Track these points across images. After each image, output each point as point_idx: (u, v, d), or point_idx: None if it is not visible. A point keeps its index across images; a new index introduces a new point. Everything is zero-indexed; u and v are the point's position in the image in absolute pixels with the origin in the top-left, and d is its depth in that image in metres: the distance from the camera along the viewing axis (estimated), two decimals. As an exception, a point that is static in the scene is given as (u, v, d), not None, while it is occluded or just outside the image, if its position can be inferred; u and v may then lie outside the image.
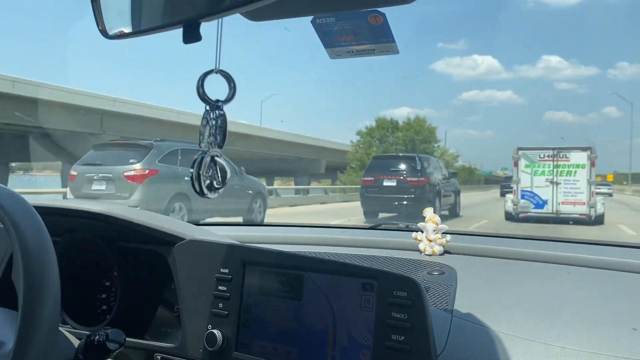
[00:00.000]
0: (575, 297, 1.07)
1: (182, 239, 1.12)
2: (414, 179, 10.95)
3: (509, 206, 12.62)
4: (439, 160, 13.61)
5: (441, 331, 0.90)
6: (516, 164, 12.84)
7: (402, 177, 11.10)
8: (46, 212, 0.92)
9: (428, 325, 0.82)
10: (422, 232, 1.39)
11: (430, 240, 1.35)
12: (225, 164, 0.70)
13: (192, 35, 0.63)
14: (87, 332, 1.24)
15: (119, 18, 0.71)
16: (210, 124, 0.71)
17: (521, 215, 12.52)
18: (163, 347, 1.11)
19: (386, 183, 10.91)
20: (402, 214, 10.22)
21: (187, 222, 1.32)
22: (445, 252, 1.36)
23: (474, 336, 0.91)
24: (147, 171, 8.75)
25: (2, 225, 1.24)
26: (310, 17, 0.87)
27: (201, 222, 1.72)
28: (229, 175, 0.72)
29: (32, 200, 1.16)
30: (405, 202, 10.80)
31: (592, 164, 12.27)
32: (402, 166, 11.43)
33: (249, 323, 1.00)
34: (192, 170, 0.69)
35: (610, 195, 19.58)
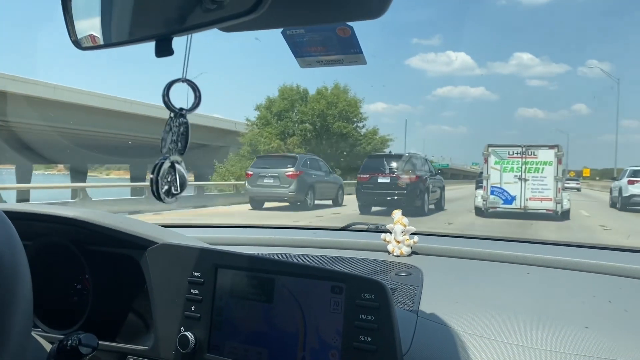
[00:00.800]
0: (535, 296, 1.12)
1: (155, 243, 1.14)
2: (406, 176, 12.35)
3: (479, 202, 13.08)
4: (426, 158, 14.88)
5: (406, 331, 0.94)
6: (486, 161, 13.29)
7: (395, 175, 12.47)
8: (17, 217, 0.92)
9: (394, 325, 0.86)
10: (390, 233, 1.42)
11: (399, 242, 1.39)
12: (185, 172, 0.72)
13: (163, 49, 0.65)
14: (59, 336, 1.24)
15: (91, 30, 0.73)
16: (173, 131, 0.72)
17: (490, 210, 12.95)
18: (135, 349, 1.12)
19: (380, 180, 12.35)
20: (395, 208, 11.10)
21: (161, 225, 1.33)
22: (413, 252, 1.40)
23: (438, 336, 0.95)
24: (298, 172, 14.17)
25: None
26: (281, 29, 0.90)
27: (170, 224, 1.72)
28: (187, 182, 0.73)
29: (3, 206, 1.16)
30: (398, 197, 12.13)
31: (559, 161, 12.76)
32: (395, 164, 12.74)
33: (221, 325, 1.03)
34: (151, 175, 0.70)
35: (578, 190, 20.47)
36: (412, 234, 1.40)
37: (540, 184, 12.81)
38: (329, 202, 15.42)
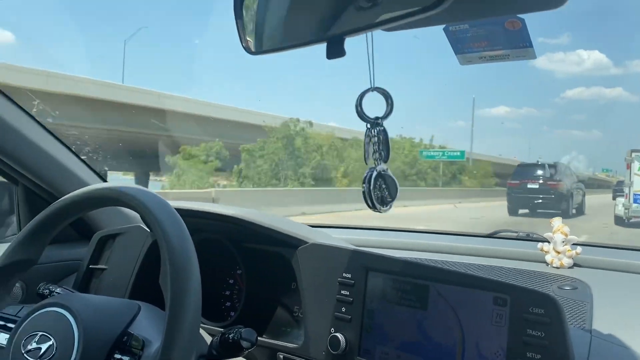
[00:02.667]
0: None
1: (305, 242, 1.15)
2: (553, 182, 13.80)
3: (620, 210, 12.29)
4: (568, 167, 15.88)
5: (580, 351, 0.85)
6: (629, 167, 12.41)
7: (543, 181, 13.92)
8: (183, 214, 0.99)
9: (568, 344, 0.78)
10: (548, 242, 1.31)
11: (559, 252, 1.27)
12: (394, 178, 0.74)
13: (335, 50, 0.65)
14: (213, 327, 1.32)
15: (262, 35, 0.75)
16: (373, 141, 0.74)
17: (633, 220, 12.02)
18: (287, 346, 1.15)
19: (530, 185, 13.79)
20: (543, 210, 13.10)
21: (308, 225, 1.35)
22: (575, 265, 1.28)
23: (616, 358, 0.85)
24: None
25: (139, 225, 1.34)
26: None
27: (316, 224, 1.76)
28: (398, 188, 0.75)
29: (173, 203, 1.26)
30: (545, 201, 13.42)
31: None
32: (542, 172, 14.21)
33: (372, 329, 1.01)
34: (363, 185, 0.72)
35: None
36: (573, 244, 1.28)
37: None
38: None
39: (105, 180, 1.63)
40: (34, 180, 1.47)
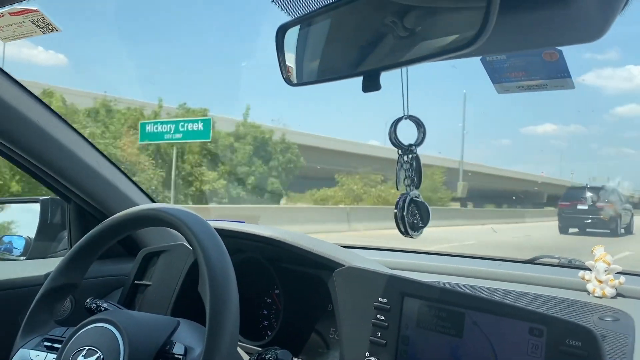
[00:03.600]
0: None
1: (342, 265, 1.17)
2: (601, 204, 14.43)
3: None
4: (616, 189, 16.35)
5: None
6: None
7: (592, 203, 14.52)
8: (224, 234, 1.03)
9: None
10: (590, 271, 1.28)
11: (601, 281, 1.24)
12: (427, 204, 0.75)
13: (371, 85, 0.67)
14: (249, 345, 1.35)
15: (302, 68, 0.78)
16: (405, 167, 0.76)
17: None
18: None
19: (579, 207, 14.47)
20: (593, 230, 13.89)
21: (341, 246, 1.37)
22: (618, 295, 1.24)
23: None
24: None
25: (182, 243, 1.39)
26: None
27: (350, 245, 1.77)
28: (430, 214, 0.76)
29: (213, 224, 1.30)
30: (595, 221, 14.12)
31: None
32: (590, 194, 14.78)
33: (407, 354, 1.01)
34: (395, 211, 0.74)
35: None
36: (617, 272, 1.25)
37: None
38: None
39: (153, 201, 1.70)
40: (84, 199, 1.55)
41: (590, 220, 14.09)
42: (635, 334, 1.00)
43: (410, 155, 0.76)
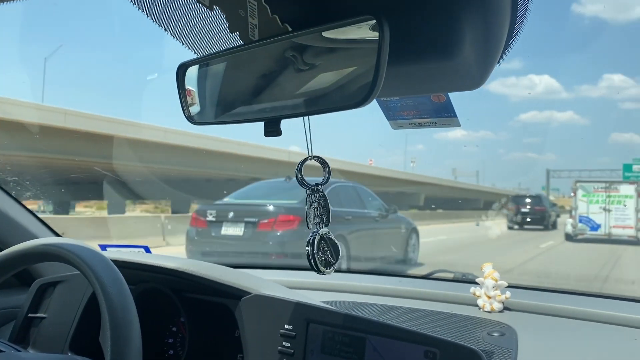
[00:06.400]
0: None
1: (249, 293, 1.18)
2: (537, 207, 19.17)
3: (569, 229, 15.44)
4: (547, 196, 22.00)
5: None
6: (575, 194, 15.96)
7: (531, 207, 19.16)
8: (124, 266, 1.00)
9: None
10: (479, 285, 1.39)
11: (490, 297, 1.35)
12: (337, 241, 0.78)
13: (273, 130, 0.69)
14: None
15: (205, 108, 0.79)
16: (313, 206, 0.78)
17: (579, 237, 15.13)
18: None
19: (522, 210, 19.05)
20: (533, 227, 18.65)
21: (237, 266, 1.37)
22: (505, 308, 1.35)
23: None
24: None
25: (73, 273, 1.33)
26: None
27: (246, 264, 1.77)
28: (340, 251, 0.79)
29: (111, 255, 1.26)
30: (533, 219, 18.90)
31: (639, 195, 15.26)
32: (529, 200, 19.46)
33: None
34: (307, 248, 0.76)
35: None
36: (505, 287, 1.36)
37: (622, 214, 15.14)
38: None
39: (56, 233, 1.61)
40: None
41: (529, 219, 18.77)
42: (518, 347, 1.10)
43: (317, 194, 0.79)
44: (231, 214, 6.62)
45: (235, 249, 6.44)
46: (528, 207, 19.20)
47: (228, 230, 6.51)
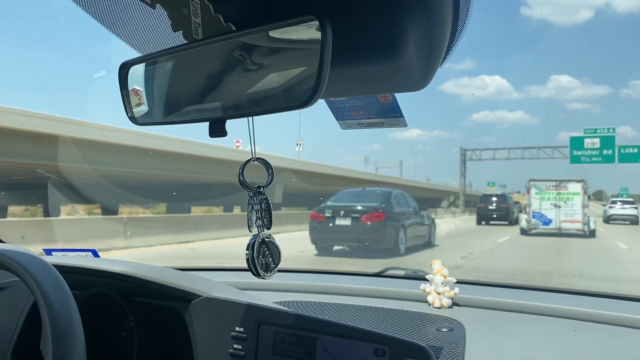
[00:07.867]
0: (584, 356, 1.09)
1: (199, 296, 1.16)
2: (503, 205, 20.98)
3: (523, 224, 17.07)
4: (509, 195, 23.90)
5: None
6: (528, 191, 17.46)
7: (497, 205, 20.99)
8: (67, 271, 0.97)
9: None
10: (429, 282, 1.41)
11: (439, 293, 1.38)
12: (277, 245, 0.77)
13: (218, 131, 0.68)
14: None
15: (148, 109, 0.77)
16: (256, 209, 0.77)
17: (532, 230, 16.73)
18: None
19: (490, 207, 21.08)
20: (499, 222, 20.74)
21: (190, 269, 1.35)
22: (454, 304, 1.39)
23: None
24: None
25: (15, 279, 1.28)
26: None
27: (196, 267, 1.75)
28: (281, 255, 0.78)
29: (53, 260, 1.21)
30: (499, 215, 20.75)
31: (585, 192, 16.98)
32: (496, 198, 21.40)
33: None
34: (247, 252, 0.75)
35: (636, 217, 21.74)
36: (453, 283, 1.39)
37: (571, 210, 16.71)
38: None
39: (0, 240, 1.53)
40: None
41: (495, 215, 20.92)
42: (465, 342, 1.13)
43: (260, 197, 0.78)
44: (342, 212, 10.29)
45: (344, 235, 10.26)
46: (494, 204, 21.20)
47: (340, 222, 10.24)
